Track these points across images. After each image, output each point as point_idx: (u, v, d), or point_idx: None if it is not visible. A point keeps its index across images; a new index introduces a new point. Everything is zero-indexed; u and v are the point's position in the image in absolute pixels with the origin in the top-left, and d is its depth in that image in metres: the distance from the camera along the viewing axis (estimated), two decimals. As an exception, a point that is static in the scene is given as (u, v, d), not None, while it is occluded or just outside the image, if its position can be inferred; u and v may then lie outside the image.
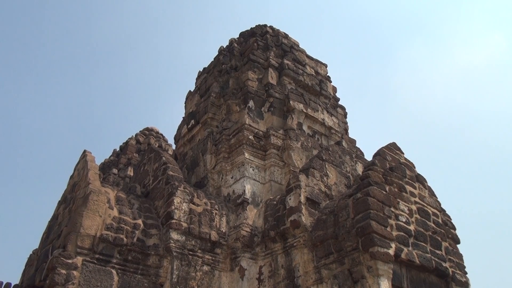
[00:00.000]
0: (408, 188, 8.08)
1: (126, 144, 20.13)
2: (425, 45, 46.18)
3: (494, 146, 38.74)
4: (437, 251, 7.71)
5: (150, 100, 53.27)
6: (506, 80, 40.43)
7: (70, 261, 7.07)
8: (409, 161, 8.68)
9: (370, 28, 48.25)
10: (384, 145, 8.68)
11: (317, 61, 13.28)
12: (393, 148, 8.69)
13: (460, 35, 44.96)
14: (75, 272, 7.03)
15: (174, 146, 13.22)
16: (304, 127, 11.17)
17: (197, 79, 13.63)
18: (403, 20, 48.01)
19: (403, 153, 8.78)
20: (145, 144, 19.78)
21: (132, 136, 20.68)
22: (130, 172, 17.73)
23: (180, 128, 12.53)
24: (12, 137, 46.42)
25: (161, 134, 21.27)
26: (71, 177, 9.49)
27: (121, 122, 52.43)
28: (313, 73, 12.68)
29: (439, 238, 7.93)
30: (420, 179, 8.49)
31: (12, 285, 16.89)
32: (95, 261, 7.33)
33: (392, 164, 8.22)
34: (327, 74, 13.29)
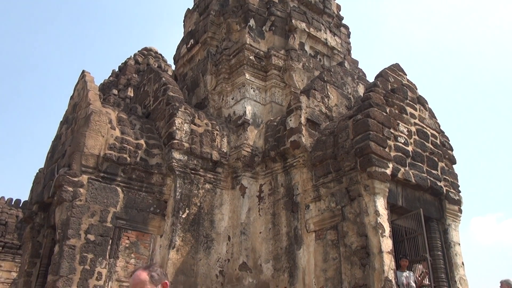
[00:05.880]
0: (409, 109, 8.09)
1: (125, 64, 19.77)
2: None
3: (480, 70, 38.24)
4: (433, 171, 7.91)
5: (149, 18, 51.58)
6: (493, 12, 38.99)
7: (76, 179, 7.28)
8: (411, 83, 8.60)
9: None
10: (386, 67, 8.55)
11: (321, -23, 12.62)
12: (396, 69, 8.56)
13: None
14: (81, 190, 7.27)
15: (173, 67, 13.02)
16: (306, 47, 10.92)
17: (195, -5, 13.06)
18: None
19: (406, 75, 8.66)
20: (144, 64, 19.43)
21: (131, 56, 20.23)
22: (130, 92, 17.64)
23: (179, 48, 12.24)
24: (12, 59, 45.62)
25: (160, 54, 20.80)
26: (71, 97, 9.47)
27: (119, 41, 51.20)
28: (317, -10, 12.12)
29: (436, 159, 8.09)
30: (421, 101, 8.47)
31: (22, 201, 17.56)
32: (100, 179, 7.55)
33: (394, 86, 8.16)
34: (331, -9, 12.71)
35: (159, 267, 2.45)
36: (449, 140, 8.67)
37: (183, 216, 7.99)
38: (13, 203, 17.33)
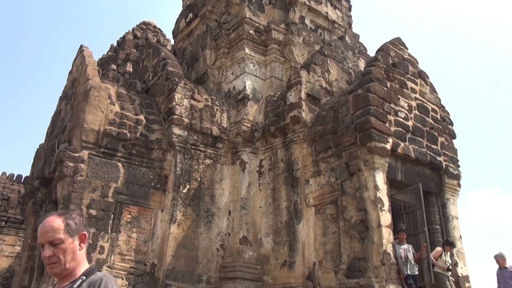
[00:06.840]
0: (410, 84, 8.04)
1: (123, 39, 19.54)
2: None
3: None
4: (433, 146, 7.92)
5: (146, -9, 50.73)
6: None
7: (76, 154, 7.30)
8: (412, 57, 8.52)
9: None
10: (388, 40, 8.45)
11: None
12: (397, 43, 8.47)
13: None
14: (82, 165, 7.30)
15: (172, 41, 12.88)
16: (307, 21, 10.77)
17: (194, -32, 12.79)
18: None
19: (407, 49, 8.58)
20: (143, 39, 19.20)
21: (129, 30, 19.99)
22: (129, 68, 17.49)
23: (178, 22, 12.08)
24: (11, 33, 45.09)
25: (159, 29, 20.54)
26: (70, 72, 9.40)
27: (117, 15, 50.52)
28: (318, -38, 11.86)
29: (436, 134, 8.10)
30: (422, 75, 8.41)
31: (23, 177, 17.65)
32: (101, 155, 7.57)
33: (395, 60, 8.09)
34: (333, -37, 12.44)
35: (78, 215, 2.01)
36: (449, 115, 8.66)
37: (184, 191, 8.05)
38: (14, 179, 17.43)
